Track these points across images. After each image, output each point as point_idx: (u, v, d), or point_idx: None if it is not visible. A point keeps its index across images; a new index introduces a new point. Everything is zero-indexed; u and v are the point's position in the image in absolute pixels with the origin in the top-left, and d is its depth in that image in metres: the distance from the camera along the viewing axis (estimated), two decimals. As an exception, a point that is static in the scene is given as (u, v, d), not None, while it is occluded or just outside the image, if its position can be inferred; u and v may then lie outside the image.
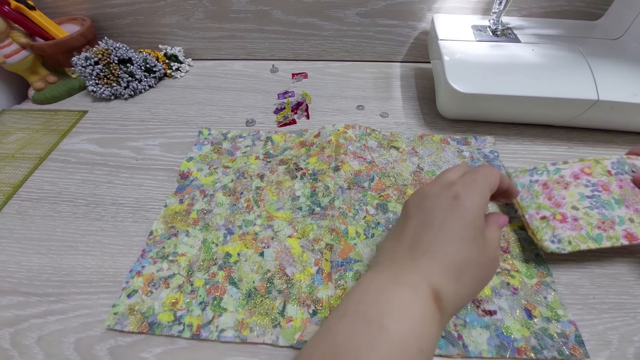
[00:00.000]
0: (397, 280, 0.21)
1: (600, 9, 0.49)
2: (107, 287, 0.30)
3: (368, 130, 0.43)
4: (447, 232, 0.21)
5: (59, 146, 0.44)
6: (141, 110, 0.49)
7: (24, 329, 0.27)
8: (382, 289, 0.20)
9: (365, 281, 0.22)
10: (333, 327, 0.20)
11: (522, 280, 0.29)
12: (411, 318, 0.19)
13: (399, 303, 0.19)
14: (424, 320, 0.19)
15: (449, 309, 0.20)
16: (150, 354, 0.26)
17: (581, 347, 0.25)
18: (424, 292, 0.20)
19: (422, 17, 0.53)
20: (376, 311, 0.19)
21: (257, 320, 0.27)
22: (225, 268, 0.30)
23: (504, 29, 0.46)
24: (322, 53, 0.58)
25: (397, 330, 0.18)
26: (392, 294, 0.20)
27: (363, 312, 0.19)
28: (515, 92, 0.38)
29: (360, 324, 0.19)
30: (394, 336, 0.18)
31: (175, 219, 0.34)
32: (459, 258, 0.21)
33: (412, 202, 0.25)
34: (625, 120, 0.40)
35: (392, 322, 0.18)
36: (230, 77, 0.56)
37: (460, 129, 0.44)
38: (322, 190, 0.36)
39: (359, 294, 0.21)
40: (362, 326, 0.19)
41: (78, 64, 0.48)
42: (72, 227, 0.34)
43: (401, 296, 0.20)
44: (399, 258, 0.22)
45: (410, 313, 0.19)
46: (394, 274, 0.21)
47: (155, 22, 0.56)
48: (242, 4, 0.53)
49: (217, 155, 0.41)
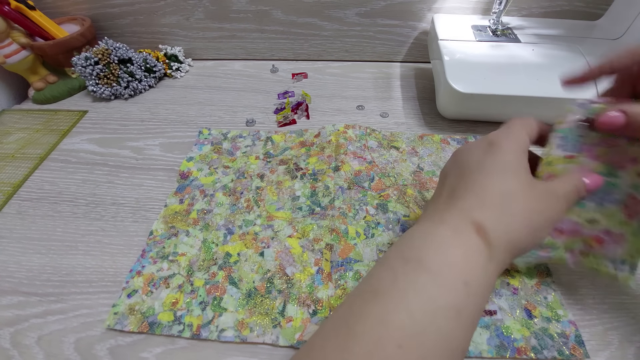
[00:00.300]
0: (434, 223, 0.20)
1: (600, 9, 0.49)
2: (107, 287, 0.30)
3: (368, 130, 0.43)
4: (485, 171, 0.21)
5: (59, 146, 0.44)
6: (141, 110, 0.49)
7: (24, 329, 0.27)
8: (421, 232, 0.20)
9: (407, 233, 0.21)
10: (375, 273, 0.20)
11: (522, 280, 0.29)
12: (451, 252, 0.18)
13: (438, 240, 0.19)
14: (467, 253, 0.18)
15: (500, 241, 0.19)
16: (151, 354, 0.26)
17: (581, 347, 0.25)
18: (464, 227, 0.19)
19: (422, 17, 0.53)
20: (414, 250, 0.19)
21: (257, 320, 0.27)
22: (225, 268, 0.30)
23: (504, 29, 0.46)
24: (322, 53, 0.58)
25: (436, 263, 0.18)
26: (431, 234, 0.20)
27: (401, 252, 0.19)
28: (515, 92, 0.38)
29: (398, 262, 0.19)
30: (432, 269, 0.18)
31: (176, 219, 0.34)
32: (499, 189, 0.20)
33: (450, 161, 0.25)
34: (625, 120, 0.39)
35: (430, 256, 0.18)
36: (230, 77, 0.56)
37: (460, 129, 0.44)
38: (322, 190, 0.36)
39: (399, 243, 0.21)
40: (400, 264, 0.19)
41: (78, 64, 0.48)
42: (72, 227, 0.34)
43: (440, 234, 0.19)
44: (438, 208, 0.22)
45: (449, 247, 0.19)
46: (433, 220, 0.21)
47: (155, 22, 0.56)
48: (242, 4, 0.53)
49: (217, 155, 0.41)
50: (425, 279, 0.17)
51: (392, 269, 0.19)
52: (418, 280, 0.17)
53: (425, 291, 0.17)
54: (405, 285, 0.17)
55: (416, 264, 0.18)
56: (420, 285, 0.17)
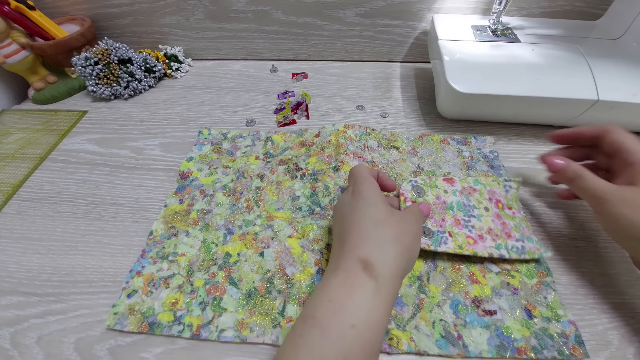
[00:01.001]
0: (332, 272, 0.23)
1: (600, 9, 0.49)
2: (107, 287, 0.30)
3: (368, 130, 0.43)
4: (356, 211, 0.25)
5: (59, 146, 0.44)
6: (141, 110, 0.49)
7: (24, 329, 0.27)
8: (320, 286, 0.22)
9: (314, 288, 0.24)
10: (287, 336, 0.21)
11: (522, 280, 0.29)
12: (339, 300, 0.20)
13: (329, 290, 0.21)
14: (354, 295, 0.20)
15: (384, 269, 0.22)
16: (150, 354, 0.26)
17: (581, 347, 0.25)
18: (353, 266, 0.21)
19: (422, 17, 0.53)
20: (310, 306, 0.21)
21: (257, 320, 0.27)
22: (225, 268, 0.30)
23: (504, 29, 0.46)
24: (322, 53, 0.58)
25: (325, 315, 0.20)
26: (326, 286, 0.22)
27: (303, 312, 0.21)
28: (515, 92, 0.38)
29: (299, 322, 0.21)
30: (322, 323, 0.19)
31: (175, 219, 0.34)
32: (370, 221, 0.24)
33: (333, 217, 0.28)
34: (625, 120, 0.39)
35: (321, 310, 0.20)
36: (230, 77, 0.56)
37: (460, 129, 0.44)
38: (322, 190, 0.36)
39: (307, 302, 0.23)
40: (300, 323, 0.20)
41: (78, 64, 0.48)
42: (72, 227, 0.34)
43: (332, 283, 0.21)
44: (334, 256, 0.24)
45: (338, 295, 0.20)
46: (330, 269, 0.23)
47: (155, 22, 0.56)
48: (242, 4, 0.53)
49: (217, 155, 0.41)
50: (316, 334, 0.19)
51: (294, 330, 0.20)
52: (310, 337, 0.19)
53: (316, 347, 0.19)
54: (302, 346, 0.19)
55: (311, 321, 0.20)
56: (312, 342, 0.19)
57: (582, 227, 0.33)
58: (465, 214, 0.32)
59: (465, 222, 0.31)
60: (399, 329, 0.26)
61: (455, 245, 0.30)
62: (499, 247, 0.30)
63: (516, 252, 0.30)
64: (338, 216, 0.27)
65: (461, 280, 0.29)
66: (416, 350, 0.25)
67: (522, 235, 0.31)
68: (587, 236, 0.32)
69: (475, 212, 0.32)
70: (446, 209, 0.32)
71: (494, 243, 0.30)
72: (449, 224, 0.31)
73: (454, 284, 0.29)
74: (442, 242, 0.30)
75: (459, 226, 0.31)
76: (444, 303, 0.27)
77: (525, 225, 0.32)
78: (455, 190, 0.34)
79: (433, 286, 0.28)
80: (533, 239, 0.31)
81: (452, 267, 0.30)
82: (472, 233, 0.31)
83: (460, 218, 0.31)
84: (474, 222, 0.31)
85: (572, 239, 0.32)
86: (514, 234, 0.31)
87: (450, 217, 0.31)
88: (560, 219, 0.33)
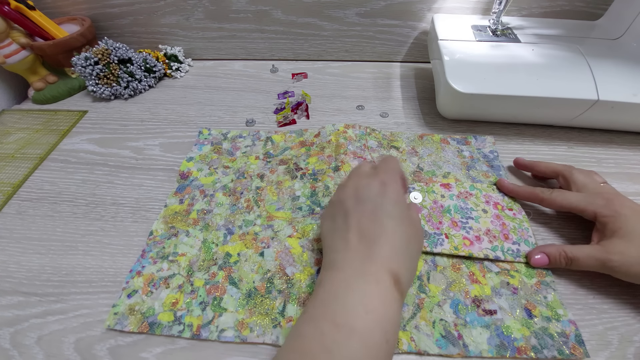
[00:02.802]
0: (359, 275, 0.22)
1: (600, 9, 0.49)
2: (107, 287, 0.30)
3: (368, 130, 0.43)
4: (388, 213, 0.24)
5: (59, 146, 0.44)
6: (141, 110, 0.49)
7: (24, 329, 0.27)
8: (347, 286, 0.21)
9: (328, 281, 0.22)
10: (303, 332, 0.20)
11: (522, 279, 0.29)
12: (376, 311, 0.20)
13: (364, 299, 0.20)
14: (387, 308, 0.20)
15: (405, 288, 0.22)
16: (150, 354, 0.26)
17: (581, 346, 0.25)
18: (385, 280, 0.21)
19: (422, 17, 0.53)
20: (343, 312, 0.20)
21: (257, 320, 0.27)
22: (225, 268, 0.30)
23: (504, 29, 0.46)
24: (322, 53, 0.58)
25: (364, 328, 0.19)
26: (357, 291, 0.21)
27: (331, 314, 0.20)
28: (515, 92, 0.38)
29: (329, 326, 0.20)
30: (361, 334, 0.19)
31: (175, 219, 0.34)
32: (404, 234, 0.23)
33: (347, 196, 0.26)
34: (625, 120, 0.40)
35: (359, 321, 0.19)
36: (230, 77, 0.56)
37: (460, 129, 0.44)
38: (322, 190, 0.36)
39: (324, 296, 0.22)
40: (331, 329, 0.19)
41: (78, 64, 0.48)
42: (72, 227, 0.34)
43: (365, 291, 0.21)
44: (354, 252, 0.23)
45: (375, 306, 0.20)
46: (354, 269, 0.22)
47: (155, 22, 0.56)
48: (242, 4, 0.53)
49: (217, 155, 0.41)
50: (355, 344, 0.19)
51: (322, 331, 0.19)
52: (349, 345, 0.19)
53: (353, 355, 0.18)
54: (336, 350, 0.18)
55: (348, 331, 0.19)
56: (351, 351, 0.18)
57: (582, 227, 0.33)
58: (462, 216, 0.32)
59: (463, 223, 0.32)
60: (399, 329, 0.26)
61: (451, 247, 0.30)
62: (494, 248, 0.30)
63: (511, 255, 0.30)
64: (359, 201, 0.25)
65: (461, 280, 0.29)
66: (416, 350, 0.25)
67: (519, 238, 0.31)
68: (587, 236, 0.32)
69: (473, 214, 0.32)
70: (443, 212, 0.33)
71: (490, 245, 0.30)
72: (446, 226, 0.32)
73: (454, 284, 0.29)
74: (438, 244, 0.30)
75: (456, 228, 0.31)
76: (444, 303, 0.27)
77: (526, 226, 0.32)
78: (452, 194, 0.34)
79: (433, 286, 0.28)
80: (530, 242, 0.31)
81: (452, 267, 0.30)
82: (469, 234, 0.31)
83: (457, 220, 0.32)
84: (471, 223, 0.32)
85: (572, 238, 0.32)
86: (512, 236, 0.31)
87: (448, 220, 0.32)
88: (560, 219, 0.33)
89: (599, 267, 0.27)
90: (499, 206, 0.33)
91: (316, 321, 0.20)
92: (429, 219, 0.32)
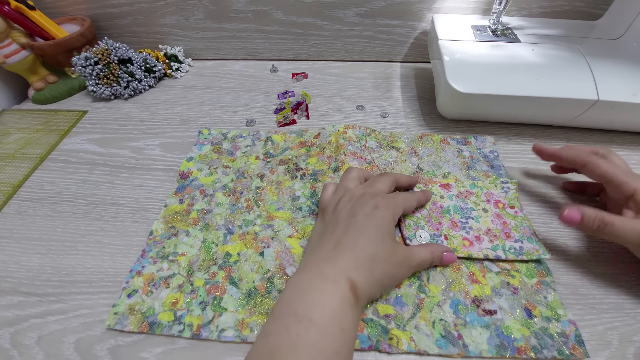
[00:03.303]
0: (320, 276, 0.24)
1: (600, 9, 0.49)
2: (107, 287, 0.30)
3: (368, 130, 0.43)
4: (365, 232, 0.26)
5: (59, 146, 0.44)
6: (141, 110, 0.49)
7: (24, 329, 0.27)
8: (309, 285, 0.24)
9: (294, 281, 0.25)
10: (269, 329, 0.22)
11: (522, 279, 0.29)
12: (332, 305, 0.22)
13: (322, 295, 0.23)
14: (342, 305, 0.23)
15: (363, 295, 0.24)
16: (151, 353, 0.26)
17: (581, 346, 0.25)
18: (342, 283, 0.23)
19: (422, 17, 0.53)
20: (304, 307, 0.22)
21: (257, 320, 0.27)
22: (225, 268, 0.30)
23: (504, 29, 0.46)
24: (322, 53, 0.58)
25: (321, 318, 0.22)
26: (317, 288, 0.23)
27: (294, 310, 0.22)
28: (515, 92, 0.38)
29: (292, 320, 0.22)
30: (319, 324, 0.21)
31: (175, 219, 0.34)
32: (370, 253, 0.25)
33: (343, 207, 0.28)
34: (625, 120, 0.40)
35: (317, 312, 0.22)
36: (230, 77, 0.56)
37: (460, 129, 0.44)
38: (322, 190, 0.36)
39: (289, 294, 0.24)
40: (294, 323, 0.21)
41: (78, 64, 0.48)
42: (72, 227, 0.34)
43: (324, 289, 0.23)
44: (324, 257, 0.25)
45: (331, 302, 0.22)
46: (318, 271, 0.24)
47: (155, 22, 0.56)
48: (242, 4, 0.53)
49: (217, 155, 0.41)
50: (315, 334, 0.21)
51: (287, 326, 0.21)
52: (309, 335, 0.21)
53: (315, 344, 0.21)
54: (299, 342, 0.20)
55: (307, 322, 0.21)
56: (312, 340, 0.21)
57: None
58: (462, 216, 0.32)
59: (463, 224, 0.32)
60: (399, 329, 0.26)
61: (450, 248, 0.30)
62: (495, 248, 0.30)
63: (513, 253, 0.30)
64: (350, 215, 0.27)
65: (461, 280, 0.29)
66: (416, 350, 0.25)
67: (521, 236, 0.31)
68: (587, 236, 0.32)
69: (473, 214, 0.32)
70: (443, 213, 0.33)
71: (490, 244, 0.30)
72: (446, 227, 0.32)
73: (454, 284, 0.29)
74: None
75: (456, 228, 0.31)
76: (444, 303, 0.27)
77: (527, 224, 0.32)
78: (452, 195, 0.34)
79: (433, 286, 0.28)
80: (533, 239, 0.31)
81: (452, 267, 0.30)
82: (469, 234, 0.31)
83: (457, 220, 0.32)
84: (471, 223, 0.32)
85: (572, 238, 0.32)
86: (514, 234, 0.31)
87: (447, 220, 0.32)
88: (560, 219, 0.33)
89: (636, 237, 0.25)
90: (500, 204, 0.33)
91: (282, 318, 0.22)
92: (428, 219, 0.32)
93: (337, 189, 0.31)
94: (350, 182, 0.31)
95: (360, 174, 0.32)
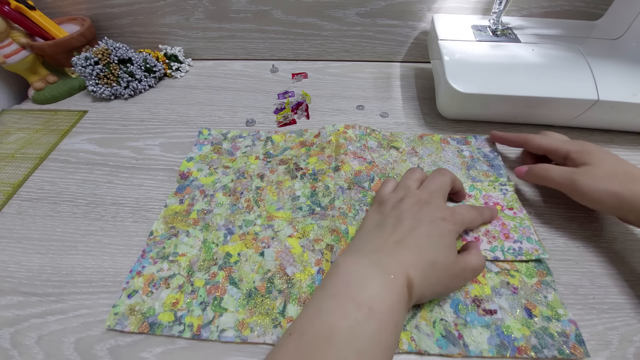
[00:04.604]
0: (380, 265, 0.24)
1: (600, 9, 0.49)
2: (107, 287, 0.30)
3: (368, 130, 0.43)
4: (429, 239, 0.26)
5: (59, 146, 0.44)
6: (141, 110, 0.49)
7: (24, 329, 0.27)
8: (369, 272, 0.24)
9: (350, 264, 0.25)
10: (322, 306, 0.22)
11: (522, 279, 0.29)
12: (391, 299, 0.22)
13: (384, 286, 0.23)
14: (398, 301, 0.23)
15: (415, 296, 0.24)
16: (151, 354, 0.26)
17: (581, 346, 0.25)
18: (401, 278, 0.23)
19: (422, 17, 0.53)
20: (364, 295, 0.22)
21: (257, 320, 0.27)
22: (225, 268, 0.30)
23: (504, 29, 0.46)
24: (322, 53, 0.58)
25: (381, 310, 0.22)
26: (378, 278, 0.23)
27: (352, 296, 0.22)
28: (515, 92, 0.38)
29: (351, 305, 0.22)
30: (378, 316, 0.21)
31: (176, 219, 0.34)
32: (431, 259, 0.25)
33: (408, 208, 0.28)
34: (625, 120, 0.40)
35: (377, 303, 0.22)
36: (230, 77, 0.56)
37: (460, 129, 0.44)
38: (322, 190, 0.36)
39: (345, 277, 0.24)
40: (353, 308, 0.21)
41: (78, 64, 0.48)
42: (72, 227, 0.34)
43: (385, 280, 0.23)
44: (384, 249, 0.25)
45: (390, 295, 0.23)
46: (377, 260, 0.24)
47: (155, 22, 0.56)
48: (242, 4, 0.53)
49: (217, 156, 0.41)
50: (374, 325, 0.21)
51: (344, 310, 0.22)
52: (368, 325, 0.21)
53: (374, 335, 0.21)
54: (358, 329, 0.21)
55: (367, 310, 0.21)
56: (370, 331, 0.21)
57: (582, 227, 0.33)
58: None
59: None
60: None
61: None
62: (494, 249, 0.30)
63: (512, 254, 0.30)
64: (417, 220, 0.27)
65: (461, 280, 0.29)
66: (417, 350, 0.25)
67: (521, 236, 0.31)
68: (587, 236, 0.32)
69: None
70: None
71: (489, 245, 0.30)
72: None
73: (454, 284, 0.29)
74: None
75: None
76: (444, 302, 0.27)
77: (527, 224, 0.32)
78: None
79: (433, 286, 0.28)
80: (533, 239, 0.31)
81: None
82: (467, 236, 0.31)
83: None
84: None
85: (572, 239, 0.32)
86: (513, 235, 0.31)
87: None
88: (560, 219, 0.33)
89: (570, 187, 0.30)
90: (498, 206, 0.33)
91: (338, 299, 0.22)
92: None
93: (398, 187, 0.31)
94: (413, 182, 0.31)
95: (423, 176, 0.32)
